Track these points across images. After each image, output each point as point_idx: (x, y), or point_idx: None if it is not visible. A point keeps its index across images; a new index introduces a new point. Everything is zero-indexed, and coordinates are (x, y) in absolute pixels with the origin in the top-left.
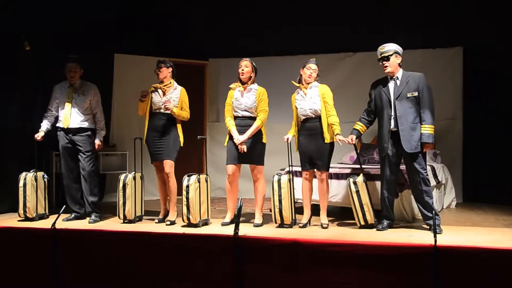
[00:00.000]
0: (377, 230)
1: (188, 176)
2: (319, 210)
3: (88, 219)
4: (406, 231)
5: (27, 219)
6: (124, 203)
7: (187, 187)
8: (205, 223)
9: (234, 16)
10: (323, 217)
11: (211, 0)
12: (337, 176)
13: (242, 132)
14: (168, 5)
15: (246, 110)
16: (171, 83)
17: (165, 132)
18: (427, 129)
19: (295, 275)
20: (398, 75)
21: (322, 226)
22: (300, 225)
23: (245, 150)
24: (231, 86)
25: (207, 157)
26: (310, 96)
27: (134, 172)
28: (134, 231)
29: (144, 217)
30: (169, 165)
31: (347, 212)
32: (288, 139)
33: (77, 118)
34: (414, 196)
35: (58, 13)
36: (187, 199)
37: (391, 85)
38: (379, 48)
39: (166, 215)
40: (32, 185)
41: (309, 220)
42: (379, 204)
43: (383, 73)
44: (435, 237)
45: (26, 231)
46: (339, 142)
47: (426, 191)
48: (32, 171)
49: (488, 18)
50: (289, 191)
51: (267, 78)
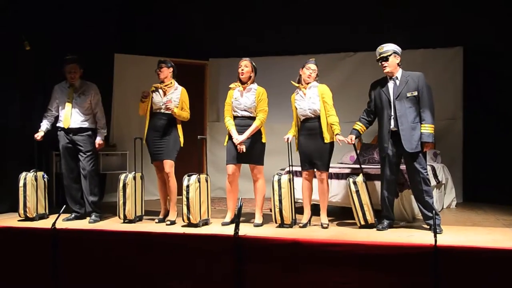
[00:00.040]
0: (377, 230)
1: (188, 176)
2: (319, 210)
3: (88, 219)
4: (406, 231)
5: (27, 219)
6: (124, 203)
7: (187, 187)
8: (205, 223)
9: (234, 16)
10: (323, 217)
11: (211, 0)
12: (337, 176)
13: (242, 132)
14: (168, 5)
15: (245, 110)
16: (172, 83)
17: (165, 132)
18: (427, 128)
19: (295, 275)
20: (397, 75)
21: (322, 226)
22: (300, 225)
23: (244, 150)
24: (230, 86)
25: (207, 157)
26: (309, 96)
27: (134, 172)
28: (134, 231)
29: (144, 217)
30: (169, 165)
31: (347, 212)
32: (288, 139)
33: (77, 118)
34: (414, 196)
35: (58, 13)
36: (187, 199)
37: (390, 85)
38: (378, 48)
39: (166, 215)
40: (32, 185)
41: (309, 220)
42: (379, 204)
43: (383, 73)
44: (435, 237)
45: (26, 231)
46: (338, 142)
47: (426, 191)
48: (32, 171)
49: (488, 18)
50: (289, 191)
51: (267, 78)
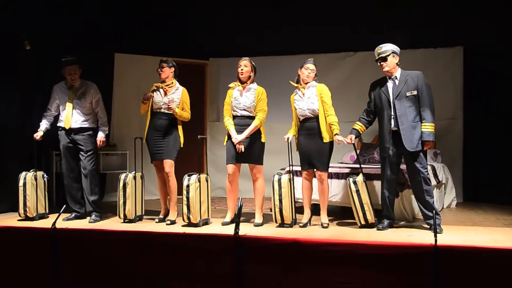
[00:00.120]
0: (378, 229)
1: (189, 175)
2: (319, 210)
3: (88, 218)
4: (406, 230)
5: (27, 218)
6: (125, 203)
7: (188, 186)
8: (206, 222)
9: (234, 15)
10: (323, 217)
11: None
12: (338, 175)
13: (241, 131)
14: (168, 4)
15: (245, 110)
16: (173, 83)
17: (165, 132)
18: (427, 127)
19: (295, 274)
20: (396, 74)
21: (323, 226)
22: (301, 224)
23: (243, 150)
24: (230, 85)
25: (208, 156)
26: (308, 96)
27: (134, 172)
28: (134, 230)
29: (145, 217)
30: (169, 164)
31: (347, 211)
32: (288, 139)
33: (78, 119)
34: (415, 196)
35: (58, 13)
36: (188, 198)
37: (390, 85)
38: (376, 48)
39: (167, 214)
40: (32, 184)
41: (310, 220)
42: (379, 203)
43: (383, 72)
44: (435, 236)
45: (26, 230)
46: (337, 142)
47: (427, 191)
48: (31, 170)
49: (488, 18)
50: (289, 190)
51: (267, 78)
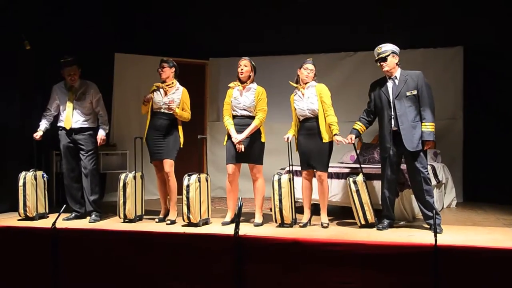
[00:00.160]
0: (378, 229)
1: (189, 175)
2: (319, 210)
3: (88, 218)
4: (406, 230)
5: (27, 218)
6: (125, 203)
7: (188, 186)
8: (206, 222)
9: (234, 15)
10: (323, 217)
11: None
12: (338, 175)
13: (241, 131)
14: (168, 4)
15: (245, 109)
16: (173, 83)
17: (165, 132)
18: (427, 127)
19: (295, 274)
20: (396, 74)
21: (323, 226)
22: (301, 224)
23: (243, 149)
24: (230, 85)
25: (208, 156)
26: (308, 96)
27: (134, 172)
28: (134, 230)
29: (145, 217)
30: (169, 164)
31: (347, 211)
32: (288, 139)
33: (79, 119)
34: (415, 196)
35: (58, 13)
36: (188, 198)
37: (389, 85)
38: (376, 49)
39: (167, 214)
40: (31, 184)
41: (310, 220)
42: (379, 203)
43: (383, 72)
44: (435, 236)
45: (26, 230)
46: (336, 143)
47: (427, 191)
48: (31, 170)
49: (488, 18)
50: (289, 190)
51: (267, 78)
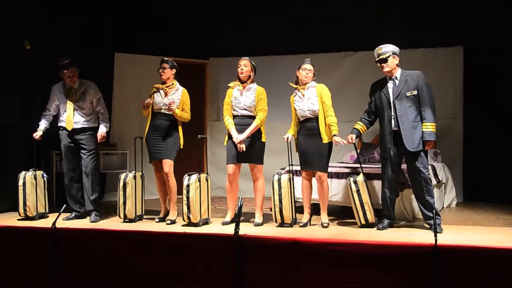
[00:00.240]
0: (378, 229)
1: (189, 175)
2: (319, 210)
3: (88, 218)
4: (406, 230)
5: (27, 218)
6: (125, 202)
7: (188, 186)
8: (206, 222)
9: (234, 15)
10: (323, 216)
11: None
12: (338, 175)
13: (241, 131)
14: (168, 3)
15: (245, 109)
16: (173, 84)
17: (165, 132)
18: (428, 127)
19: (296, 274)
20: (396, 74)
21: (323, 225)
22: (301, 224)
23: (244, 149)
24: (230, 85)
25: (208, 156)
26: (308, 97)
27: (134, 171)
28: (134, 230)
29: (145, 216)
30: (168, 164)
31: (348, 211)
32: (288, 139)
33: (80, 120)
34: (415, 196)
35: (58, 13)
36: (188, 198)
37: (390, 85)
38: (376, 49)
39: (167, 214)
40: (31, 183)
41: (310, 220)
42: (379, 203)
43: (383, 73)
44: (435, 236)
45: (26, 230)
46: (335, 143)
47: (427, 191)
48: (31, 170)
49: (488, 18)
50: (289, 190)
51: (267, 78)
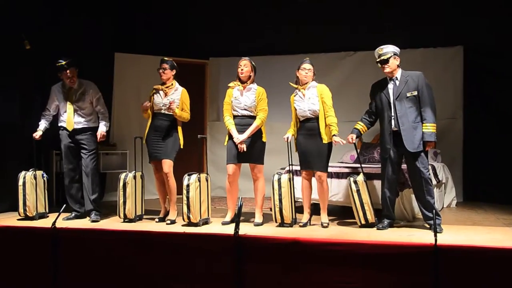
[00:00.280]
0: (378, 229)
1: (189, 175)
2: (319, 209)
3: (88, 218)
4: (406, 230)
5: (27, 217)
6: (125, 202)
7: (188, 186)
8: (206, 222)
9: (234, 15)
10: (323, 216)
11: None
12: (338, 175)
13: (242, 131)
14: (168, 3)
15: (245, 109)
16: (173, 84)
17: (165, 133)
18: (428, 127)
19: (296, 274)
20: (397, 75)
21: (322, 225)
22: (300, 224)
23: (245, 150)
24: (230, 85)
25: (208, 156)
26: (309, 97)
27: (134, 171)
28: (134, 230)
29: (144, 216)
30: (168, 165)
31: (348, 211)
32: (288, 138)
33: (80, 120)
34: (415, 196)
35: (58, 13)
36: (188, 198)
37: (390, 86)
38: (377, 49)
39: (166, 214)
40: (31, 183)
41: (309, 219)
42: (379, 203)
43: (383, 73)
44: (435, 236)
45: (26, 230)
46: (335, 143)
47: (428, 191)
48: (31, 170)
49: (488, 18)
50: (289, 190)
51: (267, 78)
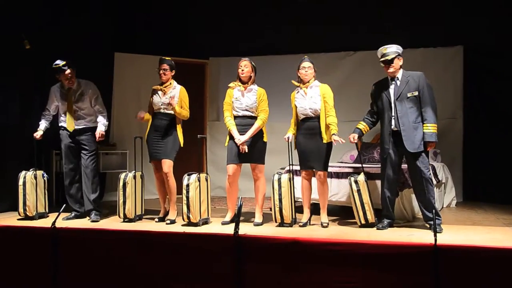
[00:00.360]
0: (377, 229)
1: (188, 175)
2: (319, 209)
3: (88, 218)
4: (406, 230)
5: (27, 217)
6: (124, 202)
7: (187, 186)
8: (205, 222)
9: (234, 15)
10: (323, 216)
11: None
12: (337, 175)
13: (243, 131)
14: (168, 3)
15: (247, 110)
16: (171, 83)
17: (165, 132)
18: (429, 128)
19: (295, 274)
20: (398, 75)
21: (322, 225)
22: (300, 224)
23: (247, 150)
24: (230, 85)
25: (207, 156)
26: (311, 96)
27: (134, 171)
28: (134, 230)
29: (144, 216)
30: (167, 164)
31: (347, 211)
32: (289, 138)
33: (80, 121)
34: (416, 195)
35: (58, 13)
36: (187, 198)
37: (391, 86)
38: (381, 49)
39: (166, 214)
40: (31, 183)
41: (309, 219)
42: (379, 203)
43: (384, 72)
44: (435, 236)
45: (26, 230)
46: (334, 142)
47: (428, 191)
48: (31, 169)
49: (488, 18)
50: (289, 190)
51: (266, 78)
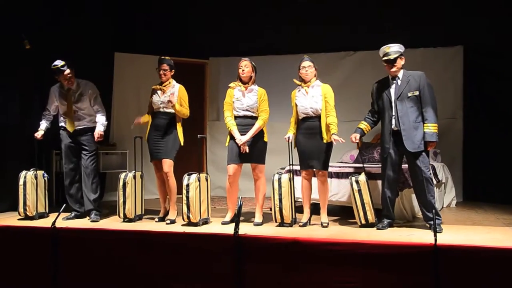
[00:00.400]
0: (377, 229)
1: (188, 175)
2: (319, 209)
3: (88, 218)
4: (406, 230)
5: (27, 217)
6: (124, 202)
7: (187, 186)
8: (205, 222)
9: (234, 15)
10: (323, 216)
11: None
12: (338, 175)
13: (243, 131)
14: (168, 3)
15: (247, 110)
16: (170, 82)
17: (165, 132)
18: (430, 128)
19: (295, 274)
20: (399, 75)
21: (322, 225)
22: (300, 224)
23: (247, 151)
24: (230, 85)
25: (207, 156)
26: (312, 95)
27: (134, 171)
28: (134, 230)
29: (144, 216)
30: (168, 164)
31: (347, 211)
32: (289, 138)
33: (81, 121)
34: (416, 195)
35: (58, 13)
36: (187, 198)
37: (392, 85)
38: (384, 48)
39: (166, 214)
40: (32, 183)
41: (309, 219)
42: (379, 203)
43: (384, 72)
44: (435, 236)
45: (26, 230)
46: (333, 142)
47: (428, 191)
48: (32, 169)
49: (488, 18)
50: (289, 190)
51: (267, 78)
